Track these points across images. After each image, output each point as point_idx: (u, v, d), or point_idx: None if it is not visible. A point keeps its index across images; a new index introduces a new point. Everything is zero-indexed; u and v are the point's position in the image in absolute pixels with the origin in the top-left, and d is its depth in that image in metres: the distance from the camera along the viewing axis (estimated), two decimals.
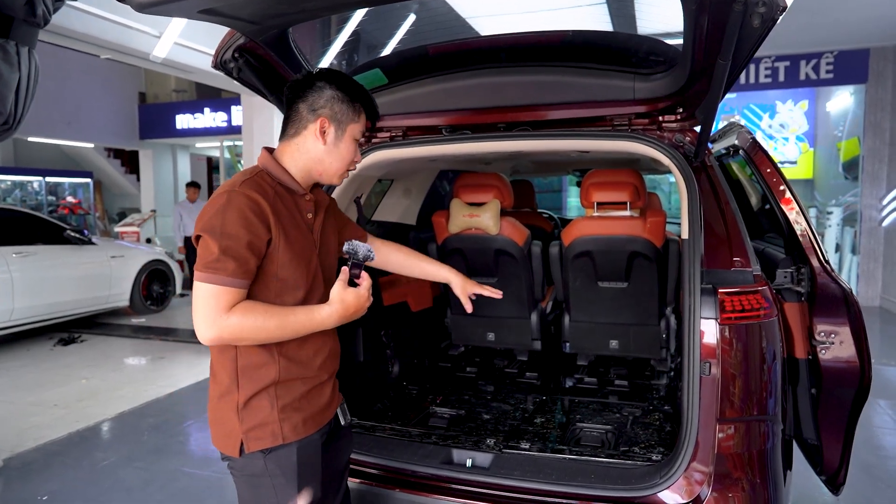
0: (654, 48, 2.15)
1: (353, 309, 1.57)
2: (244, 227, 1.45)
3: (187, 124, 12.45)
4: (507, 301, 3.53)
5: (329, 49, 5.30)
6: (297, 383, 1.58)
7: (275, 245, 1.51)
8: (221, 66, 2.14)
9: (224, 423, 1.57)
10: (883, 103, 8.08)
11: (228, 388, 1.55)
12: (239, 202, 1.47)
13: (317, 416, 1.63)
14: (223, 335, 1.44)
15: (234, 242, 1.44)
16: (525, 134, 2.37)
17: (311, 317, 1.53)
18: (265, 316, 1.46)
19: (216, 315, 1.42)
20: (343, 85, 1.61)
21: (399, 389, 3.02)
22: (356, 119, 1.63)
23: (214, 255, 1.43)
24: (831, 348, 2.22)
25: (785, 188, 2.27)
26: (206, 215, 1.48)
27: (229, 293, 1.44)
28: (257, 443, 1.54)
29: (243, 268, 1.45)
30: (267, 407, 1.54)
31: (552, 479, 1.98)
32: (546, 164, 5.01)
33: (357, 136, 1.65)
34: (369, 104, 1.67)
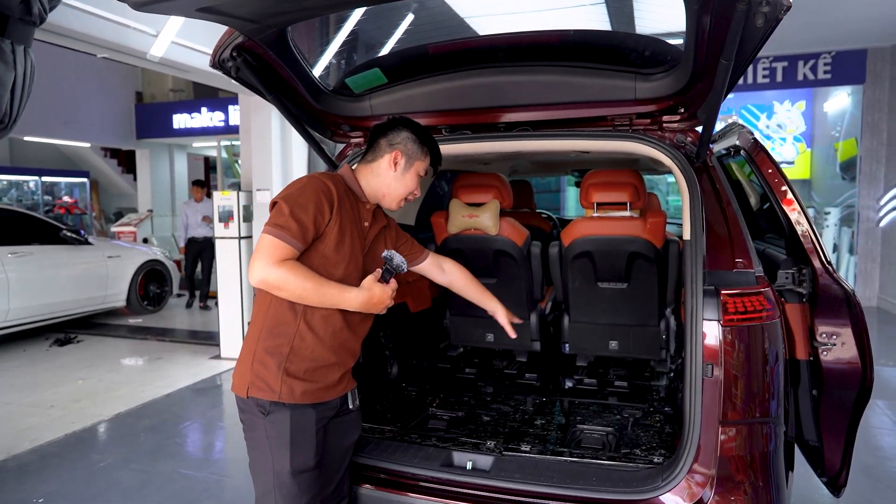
0: (656, 48, 2.14)
1: (376, 299, 1.85)
2: (314, 202, 1.78)
3: (184, 124, 12.40)
4: (507, 302, 3.48)
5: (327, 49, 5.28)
6: (307, 355, 1.82)
7: (331, 227, 1.81)
8: (219, 64, 2.13)
9: (242, 364, 1.87)
10: (880, 104, 8.09)
11: (256, 335, 1.84)
12: (315, 184, 1.82)
13: (317, 392, 1.84)
14: (269, 279, 1.70)
15: (302, 211, 1.75)
16: (525, 134, 2.36)
17: (341, 291, 1.80)
18: (307, 276, 1.74)
19: (270, 262, 1.70)
20: (417, 130, 2.01)
21: (398, 391, 3.01)
22: (422, 158, 2.00)
23: (285, 216, 1.73)
24: (833, 349, 2.21)
25: (787, 189, 2.26)
26: (288, 189, 1.82)
27: (285, 248, 1.72)
28: (257, 391, 1.80)
29: (303, 233, 1.75)
30: (274, 366, 1.79)
31: (553, 481, 1.96)
32: (545, 164, 5.00)
33: (421, 172, 2.01)
34: (435, 149, 2.04)
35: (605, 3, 5.68)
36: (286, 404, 1.79)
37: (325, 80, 2.51)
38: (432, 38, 2.94)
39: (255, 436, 1.85)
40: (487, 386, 3.28)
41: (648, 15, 5.99)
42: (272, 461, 1.81)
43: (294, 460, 1.80)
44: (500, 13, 6.51)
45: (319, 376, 1.85)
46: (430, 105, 2.48)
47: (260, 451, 1.84)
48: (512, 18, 6.51)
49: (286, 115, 2.37)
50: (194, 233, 8.65)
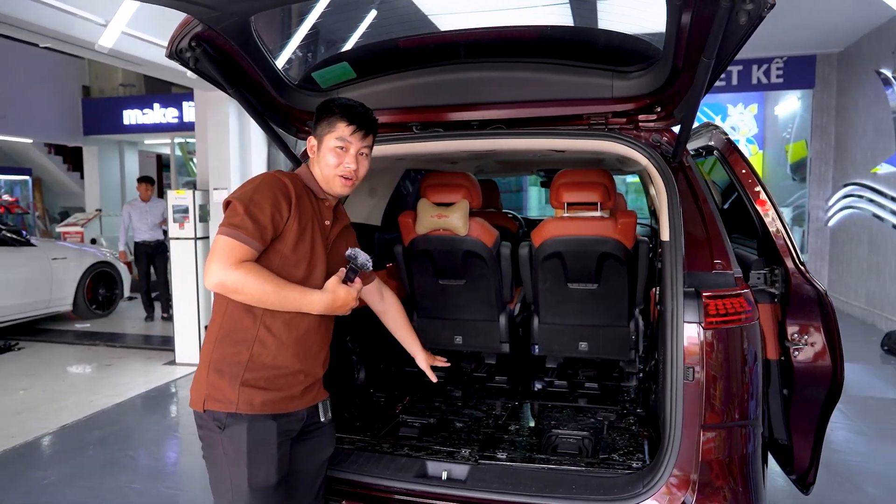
0: (633, 46, 2.10)
1: (340, 301, 1.76)
2: (271, 200, 1.69)
3: (135, 120, 11.91)
4: (476, 303, 3.46)
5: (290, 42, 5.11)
6: (268, 362, 1.71)
7: (290, 226, 1.72)
8: (177, 55, 1.99)
9: (198, 376, 1.75)
10: (828, 108, 8.39)
11: (211, 343, 1.73)
12: (271, 181, 1.74)
13: (279, 402, 1.73)
14: (226, 283, 1.61)
15: (259, 210, 1.66)
16: (500, 132, 2.30)
17: (303, 294, 1.71)
18: (267, 278, 1.65)
19: (227, 264, 1.61)
20: (321, 107, 1.89)
21: (366, 397, 2.91)
22: (331, 130, 1.84)
23: (239, 216, 1.64)
24: (804, 349, 2.22)
25: (760, 189, 2.27)
26: (242, 187, 1.74)
27: (243, 249, 1.63)
28: (214, 403, 1.69)
29: (260, 232, 1.66)
30: (231, 375, 1.69)
31: (532, 490, 1.90)
32: (511, 163, 4.96)
33: (333, 144, 1.83)
34: (346, 111, 1.85)
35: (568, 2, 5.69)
36: (244, 416, 1.68)
37: (290, 74, 2.39)
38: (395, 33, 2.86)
39: (214, 454, 1.73)
40: (457, 390, 3.21)
41: (612, 15, 6.04)
42: (230, 478, 1.69)
43: (252, 476, 1.68)
44: (464, 11, 6.46)
45: (282, 384, 1.74)
46: (401, 101, 2.39)
47: (219, 468, 1.72)
48: (475, 16, 6.47)
49: (249, 111, 2.24)
50: (143, 236, 7.65)
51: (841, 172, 8.20)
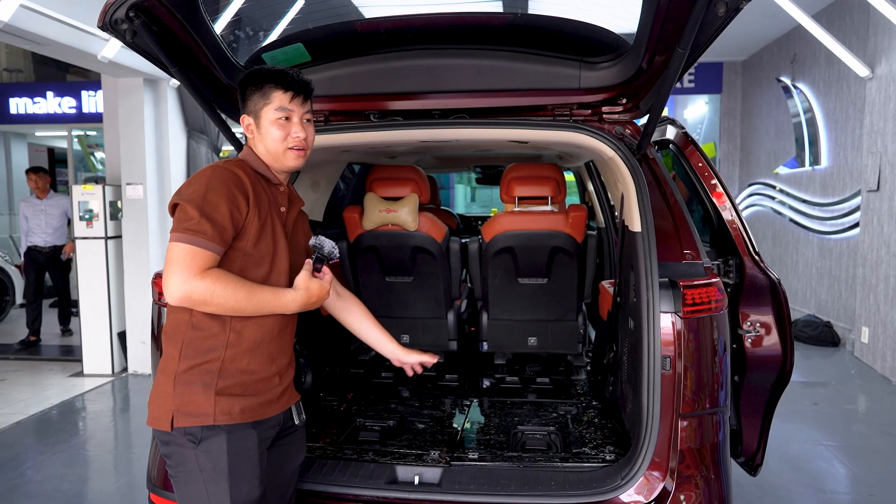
0: (601, 36, 2.10)
1: (314, 298, 1.65)
2: (226, 197, 1.53)
3: (24, 109, 10.80)
4: (424, 301, 3.37)
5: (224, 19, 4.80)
6: (243, 367, 1.58)
7: (250, 221, 1.57)
8: (111, 26, 1.76)
9: (161, 392, 1.57)
10: (735, 112, 8.99)
11: (175, 356, 1.57)
12: (223, 175, 1.56)
13: (258, 408, 1.60)
14: (193, 295, 1.46)
15: (215, 210, 1.50)
16: (464, 122, 2.22)
17: (277, 296, 1.59)
18: (237, 284, 1.51)
19: (190, 274, 1.45)
20: (250, 80, 1.70)
21: (316, 401, 2.75)
22: (267, 101, 1.67)
23: (195, 219, 1.48)
24: (756, 337, 2.31)
25: (716, 182, 2.33)
26: (190, 186, 1.55)
27: (205, 255, 1.48)
28: (187, 419, 1.52)
29: (221, 234, 1.50)
30: (201, 382, 1.54)
31: (511, 490, 1.85)
32: (449, 159, 4.91)
33: (276, 114, 1.67)
34: (273, 77, 1.68)
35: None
36: (222, 427, 1.53)
37: (236, 55, 2.20)
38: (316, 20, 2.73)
39: (186, 470, 1.56)
40: (407, 390, 3.11)
41: (545, 3, 6.11)
42: (208, 497, 1.53)
43: (235, 493, 1.53)
44: (392, 4, 6.35)
45: (260, 389, 1.61)
46: (358, 88, 2.26)
47: (193, 487, 1.55)
48: (404, 9, 6.38)
49: (193, 93, 2.04)
50: (36, 240, 6.44)
51: (746, 172, 8.80)
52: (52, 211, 6.55)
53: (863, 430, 4.24)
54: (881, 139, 5.28)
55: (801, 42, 7.04)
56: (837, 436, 4.07)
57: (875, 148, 5.38)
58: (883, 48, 5.26)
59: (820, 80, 6.73)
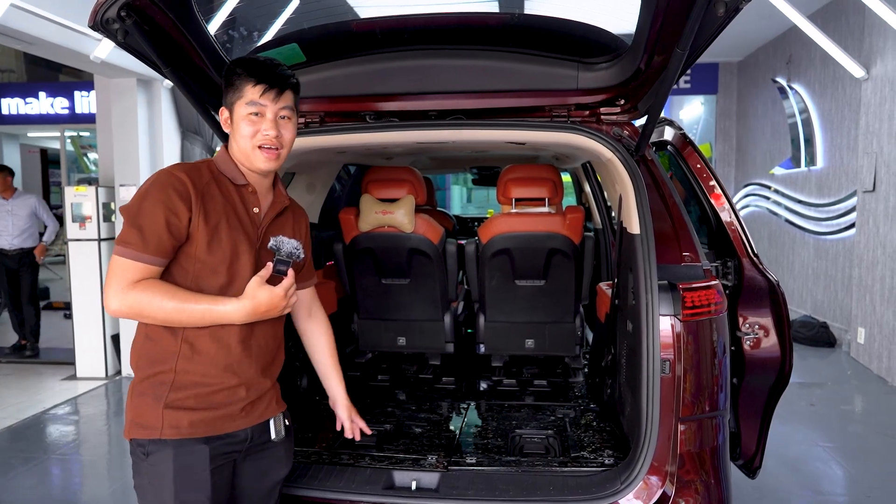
0: (599, 37, 2.08)
1: (264, 307, 1.53)
2: (162, 202, 1.47)
3: (17, 110, 10.73)
4: (420, 303, 3.35)
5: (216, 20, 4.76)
6: (196, 380, 1.52)
7: (195, 225, 1.50)
8: (102, 26, 1.73)
9: (127, 400, 1.58)
10: (730, 112, 9.00)
11: (134, 366, 1.56)
12: (162, 180, 1.51)
13: (211, 422, 1.53)
14: (122, 308, 1.45)
15: (148, 219, 1.46)
16: (461, 123, 2.20)
17: (213, 307, 1.49)
18: (165, 295, 1.46)
19: (121, 288, 1.44)
20: (226, 71, 1.64)
21: (312, 405, 2.72)
22: (240, 95, 1.60)
23: (127, 230, 1.46)
24: (755, 339, 2.29)
25: (715, 183, 2.32)
26: (135, 194, 1.52)
27: (137, 268, 1.45)
28: (138, 430, 1.51)
29: (155, 244, 1.46)
30: (154, 398, 1.50)
31: (510, 495, 1.83)
32: (445, 160, 4.89)
33: (247, 109, 1.59)
34: (246, 68, 1.60)
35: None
36: (169, 441, 1.48)
37: (230, 55, 2.18)
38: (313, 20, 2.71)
39: (140, 482, 1.54)
40: (404, 393, 3.08)
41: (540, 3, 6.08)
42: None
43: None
44: (387, 4, 6.33)
45: (218, 402, 1.54)
46: (354, 89, 2.24)
47: (145, 500, 1.54)
48: (398, 9, 6.35)
49: (186, 94, 2.01)
50: (2, 243, 6.04)
51: (742, 173, 8.81)
52: (19, 212, 6.08)
53: (860, 431, 4.24)
54: (877, 140, 5.29)
55: (796, 43, 7.05)
56: (834, 437, 4.07)
57: (871, 149, 5.38)
58: (878, 49, 5.26)
59: (815, 81, 6.74)
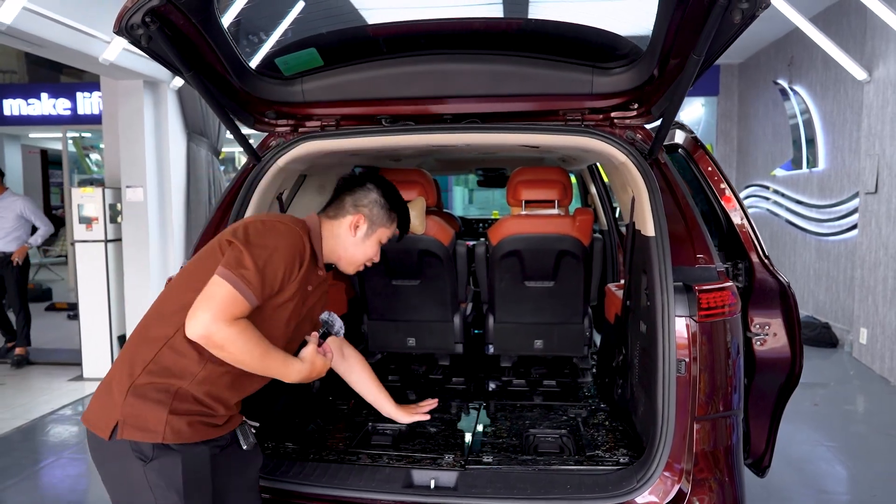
0: (613, 42, 2.11)
1: (315, 373, 1.70)
2: (288, 263, 1.58)
3: (18, 110, 10.73)
4: (430, 304, 3.38)
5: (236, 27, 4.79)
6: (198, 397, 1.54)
7: (290, 287, 1.61)
8: (126, 31, 1.76)
9: (107, 395, 1.52)
10: (731, 114, 9.05)
11: (135, 364, 1.51)
12: (294, 239, 1.63)
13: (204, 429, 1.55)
14: (213, 337, 1.45)
15: (274, 270, 1.55)
16: (475, 126, 2.23)
17: (285, 361, 1.62)
18: (257, 341, 1.52)
19: (222, 317, 1.45)
20: (388, 193, 1.88)
21: (326, 406, 2.74)
22: (388, 225, 1.87)
23: (252, 269, 1.50)
24: (766, 340, 2.33)
25: (725, 186, 2.35)
26: (260, 234, 1.59)
27: (243, 306, 1.50)
28: (135, 432, 1.47)
29: (267, 293, 1.55)
30: (155, 399, 1.48)
31: (528, 494, 1.85)
32: (451, 162, 4.92)
33: (383, 239, 1.87)
34: (403, 217, 1.92)
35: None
36: (173, 446, 1.49)
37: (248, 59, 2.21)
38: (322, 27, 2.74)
39: (131, 484, 1.51)
40: (415, 393, 3.11)
41: (543, 9, 6.13)
42: None
43: None
44: (396, 7, 6.36)
45: (208, 413, 1.57)
46: (370, 92, 2.26)
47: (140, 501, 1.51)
48: (407, 11, 6.38)
49: (207, 99, 2.03)
50: None
51: (743, 174, 8.85)
52: (5, 213, 5.80)
53: (863, 431, 4.28)
54: (879, 142, 5.33)
55: (798, 45, 7.10)
56: (838, 436, 4.10)
57: (873, 151, 5.42)
58: (881, 52, 5.31)
59: (817, 83, 6.78)
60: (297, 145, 2.27)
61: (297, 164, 2.42)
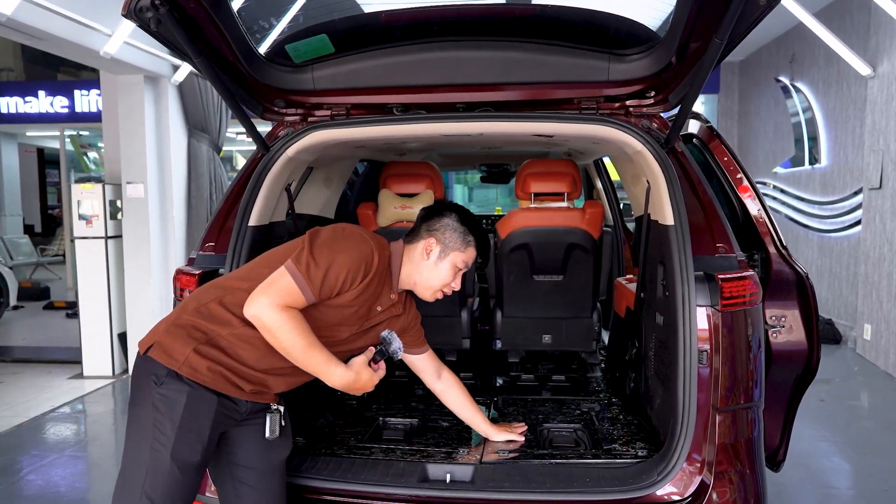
0: (630, 28, 2.08)
1: (360, 384, 1.71)
2: (352, 269, 1.65)
3: (15, 108, 10.65)
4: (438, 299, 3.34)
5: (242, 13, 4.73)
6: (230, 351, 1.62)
7: (349, 292, 1.68)
8: (136, 14, 1.72)
9: (157, 325, 1.69)
10: (732, 112, 9.04)
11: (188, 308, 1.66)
12: (366, 250, 1.69)
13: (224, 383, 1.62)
14: (264, 318, 1.56)
15: (337, 272, 1.63)
16: (488, 115, 2.19)
17: (328, 362, 1.65)
18: (303, 332, 1.59)
19: (277, 303, 1.56)
20: (463, 218, 1.89)
21: (335, 401, 2.70)
22: (462, 250, 1.86)
23: (318, 267, 1.61)
24: (782, 332, 2.29)
25: (742, 176, 2.32)
26: (337, 235, 1.69)
27: (299, 298, 1.60)
28: (158, 353, 1.59)
29: (325, 292, 1.64)
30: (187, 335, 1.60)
31: (546, 487, 1.82)
32: (456, 156, 4.89)
33: (459, 264, 1.86)
34: (482, 242, 1.91)
35: None
36: (185, 380, 1.58)
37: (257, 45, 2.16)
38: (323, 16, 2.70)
39: (140, 410, 1.60)
40: (423, 388, 3.07)
41: None
42: (152, 439, 1.56)
43: (178, 446, 1.55)
44: None
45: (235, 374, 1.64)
46: (381, 80, 2.22)
47: (142, 425, 1.59)
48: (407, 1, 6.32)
49: (217, 86, 1.99)
50: None
51: None
52: None
53: (870, 427, 4.26)
54: (883, 137, 5.32)
55: (799, 41, 7.08)
56: (846, 432, 4.08)
57: (877, 146, 5.41)
58: (885, 47, 5.29)
59: (819, 80, 6.77)
60: (306, 135, 2.22)
61: (306, 154, 2.37)
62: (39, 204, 14.62)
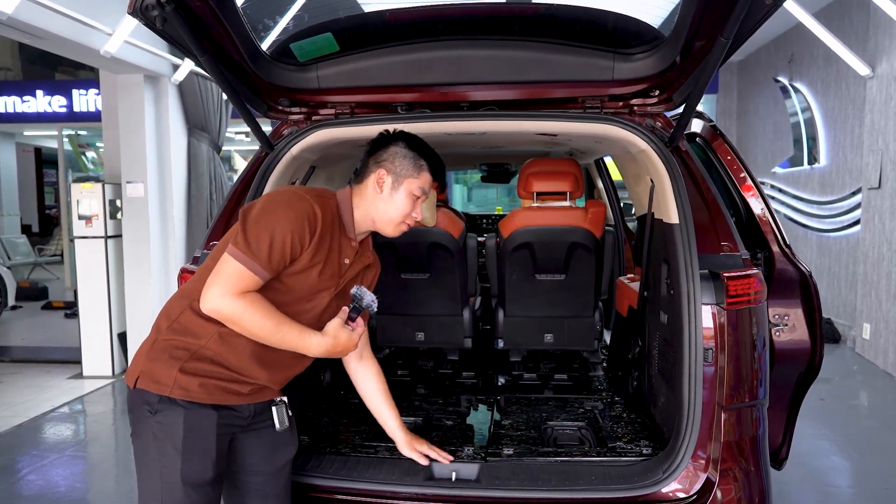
0: (636, 27, 2.08)
1: (341, 346, 1.64)
2: (295, 229, 1.55)
3: (13, 108, 10.62)
4: (440, 298, 3.34)
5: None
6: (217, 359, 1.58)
7: (303, 256, 1.58)
8: (141, 12, 1.72)
9: (139, 351, 1.63)
10: (730, 111, 9.05)
11: (160, 327, 1.61)
12: (303, 207, 1.58)
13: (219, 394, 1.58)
14: (223, 311, 1.50)
15: (279, 241, 1.53)
16: (493, 114, 2.20)
17: (302, 335, 1.58)
18: (267, 313, 1.53)
19: (229, 292, 1.50)
20: (411, 143, 1.76)
21: (338, 400, 2.70)
22: (416, 175, 1.74)
23: (257, 241, 1.52)
24: (785, 330, 2.30)
25: (745, 175, 2.33)
26: (265, 206, 1.58)
27: (250, 280, 1.52)
28: (148, 383, 1.55)
29: (276, 264, 1.55)
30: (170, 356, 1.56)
31: (552, 485, 1.82)
32: (456, 156, 4.89)
33: (415, 191, 1.74)
34: (436, 164, 1.78)
35: None
36: (179, 402, 1.54)
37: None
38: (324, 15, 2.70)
39: (143, 440, 1.57)
40: (425, 388, 3.07)
41: None
42: (160, 467, 1.53)
43: (186, 469, 1.52)
44: None
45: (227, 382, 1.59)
46: (385, 79, 2.22)
47: (147, 457, 1.56)
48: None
49: (222, 84, 1.99)
50: None
51: None
52: None
53: (871, 426, 4.27)
54: (882, 137, 5.34)
55: (798, 42, 7.10)
56: (846, 431, 4.09)
57: (876, 146, 5.43)
58: (884, 47, 5.31)
59: (818, 80, 6.79)
60: (310, 133, 2.22)
61: (310, 152, 2.37)
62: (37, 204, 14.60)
